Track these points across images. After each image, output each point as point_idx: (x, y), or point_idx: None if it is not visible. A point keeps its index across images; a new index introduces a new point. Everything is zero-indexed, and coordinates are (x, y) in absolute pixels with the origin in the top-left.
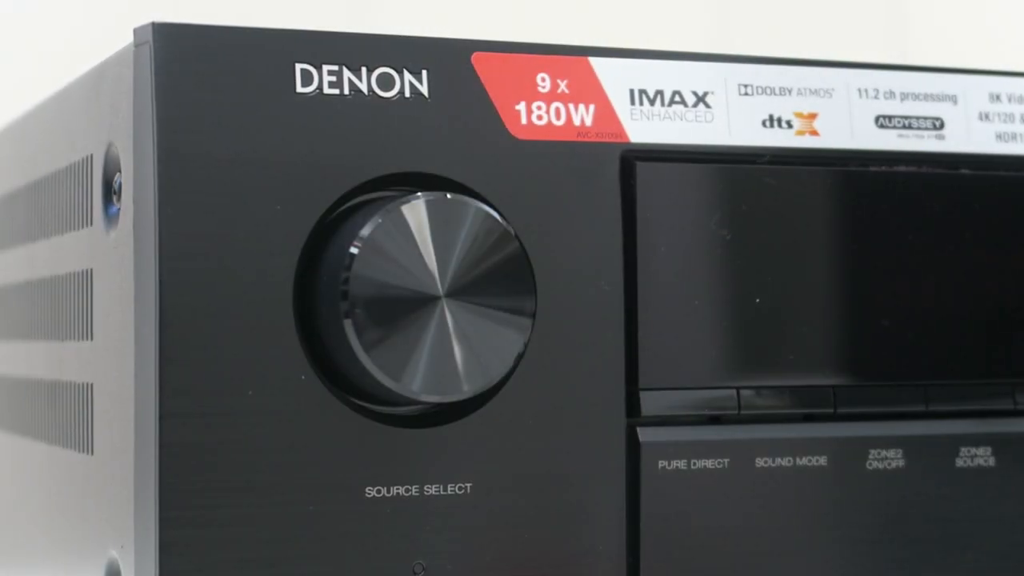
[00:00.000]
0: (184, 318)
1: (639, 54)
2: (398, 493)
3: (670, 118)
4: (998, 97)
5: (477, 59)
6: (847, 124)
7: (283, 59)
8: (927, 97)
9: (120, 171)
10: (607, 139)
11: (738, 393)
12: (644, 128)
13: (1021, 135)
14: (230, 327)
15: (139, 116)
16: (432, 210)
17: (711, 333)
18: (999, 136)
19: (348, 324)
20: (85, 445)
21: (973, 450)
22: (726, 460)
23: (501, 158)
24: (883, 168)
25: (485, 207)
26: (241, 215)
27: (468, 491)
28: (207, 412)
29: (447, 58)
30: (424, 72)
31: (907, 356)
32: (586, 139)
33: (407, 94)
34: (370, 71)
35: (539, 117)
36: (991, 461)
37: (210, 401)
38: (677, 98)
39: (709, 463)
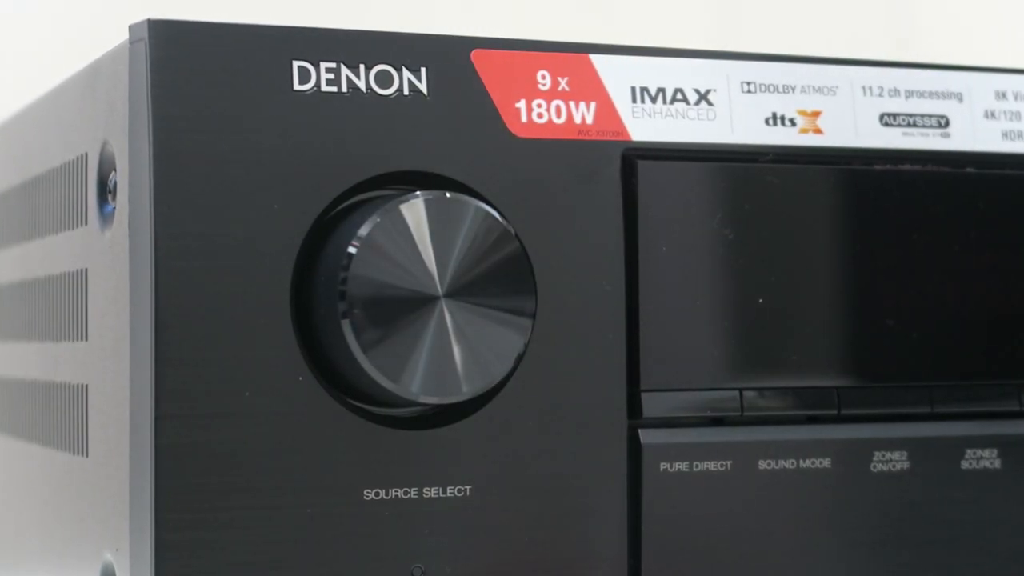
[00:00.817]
0: (180, 318)
1: (641, 51)
2: (397, 495)
3: (672, 116)
4: (1004, 95)
5: (477, 56)
6: (851, 122)
7: (280, 56)
8: (932, 95)
9: (115, 170)
10: (608, 137)
11: (741, 394)
12: (646, 126)
13: None
14: (227, 327)
15: (135, 114)
16: (431, 209)
17: (713, 334)
18: (1005, 134)
19: (346, 324)
20: (80, 447)
21: (979, 452)
22: (729, 462)
23: (501, 156)
24: (887, 167)
25: (485, 206)
26: (238, 214)
27: (468, 493)
28: (203, 414)
29: (446, 55)
30: (423, 70)
31: (912, 357)
32: (587, 137)
33: (406, 92)
34: (368, 68)
35: (539, 115)
36: (997, 463)
37: (206, 402)
38: (679, 96)
39: (711, 465)
